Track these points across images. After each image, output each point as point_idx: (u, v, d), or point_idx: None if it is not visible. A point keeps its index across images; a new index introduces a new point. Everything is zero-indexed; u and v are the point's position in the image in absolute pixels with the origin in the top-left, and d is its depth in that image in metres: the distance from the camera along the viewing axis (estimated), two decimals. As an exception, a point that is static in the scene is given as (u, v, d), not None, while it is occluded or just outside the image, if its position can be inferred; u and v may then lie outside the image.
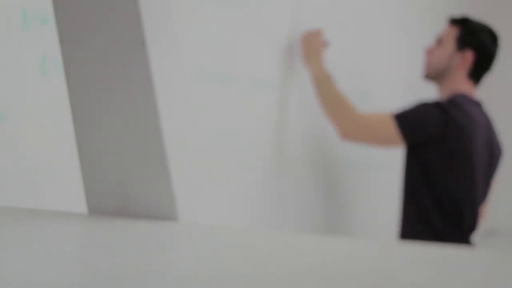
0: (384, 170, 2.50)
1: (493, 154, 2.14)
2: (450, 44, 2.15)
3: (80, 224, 0.84)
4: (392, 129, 1.97)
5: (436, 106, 2.00)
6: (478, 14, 2.91)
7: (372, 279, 0.53)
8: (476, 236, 2.20)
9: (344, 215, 2.37)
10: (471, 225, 2.09)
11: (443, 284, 0.51)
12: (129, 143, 0.83)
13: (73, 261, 0.61)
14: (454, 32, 2.16)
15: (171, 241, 0.73)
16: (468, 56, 2.12)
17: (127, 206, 0.83)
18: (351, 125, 1.98)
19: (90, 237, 0.76)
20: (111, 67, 0.83)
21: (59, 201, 1.33)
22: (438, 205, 2.03)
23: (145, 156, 0.82)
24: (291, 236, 0.83)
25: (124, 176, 0.83)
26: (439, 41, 2.19)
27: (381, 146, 2.05)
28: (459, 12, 2.84)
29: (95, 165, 0.85)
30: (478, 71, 2.14)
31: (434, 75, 2.17)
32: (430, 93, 2.56)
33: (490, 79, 2.82)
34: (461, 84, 2.14)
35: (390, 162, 2.47)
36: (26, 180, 1.29)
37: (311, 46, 2.01)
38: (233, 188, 1.84)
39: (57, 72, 1.30)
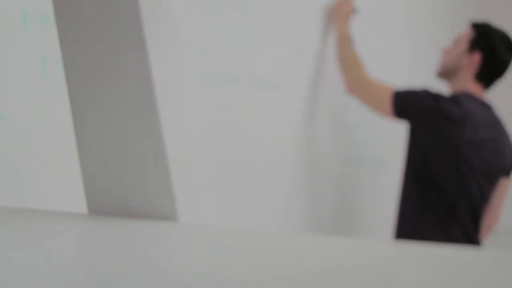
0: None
1: (501, 154, 2.14)
2: (463, 45, 2.19)
3: (80, 224, 0.84)
4: (387, 102, 2.11)
5: (433, 97, 2.07)
6: (482, 15, 2.91)
7: (373, 279, 0.53)
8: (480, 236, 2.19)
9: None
10: (469, 221, 2.10)
11: (443, 283, 0.51)
12: (129, 143, 0.83)
13: (73, 261, 0.61)
14: (470, 35, 2.19)
15: (171, 241, 0.73)
16: (475, 58, 2.15)
17: (127, 206, 0.83)
18: (355, 83, 2.17)
19: (90, 237, 0.76)
20: (111, 67, 0.83)
21: (59, 201, 1.33)
22: (437, 191, 2.07)
23: (145, 156, 0.82)
24: (290, 236, 0.83)
25: (124, 176, 0.83)
26: (456, 42, 2.22)
27: (373, 111, 2.20)
28: (461, 12, 2.84)
29: (95, 165, 0.85)
30: (486, 74, 2.17)
31: (445, 73, 2.24)
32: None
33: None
34: (467, 84, 2.18)
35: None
36: (26, 180, 1.28)
37: (342, 9, 2.20)
38: (233, 188, 1.84)
39: (57, 72, 1.30)
